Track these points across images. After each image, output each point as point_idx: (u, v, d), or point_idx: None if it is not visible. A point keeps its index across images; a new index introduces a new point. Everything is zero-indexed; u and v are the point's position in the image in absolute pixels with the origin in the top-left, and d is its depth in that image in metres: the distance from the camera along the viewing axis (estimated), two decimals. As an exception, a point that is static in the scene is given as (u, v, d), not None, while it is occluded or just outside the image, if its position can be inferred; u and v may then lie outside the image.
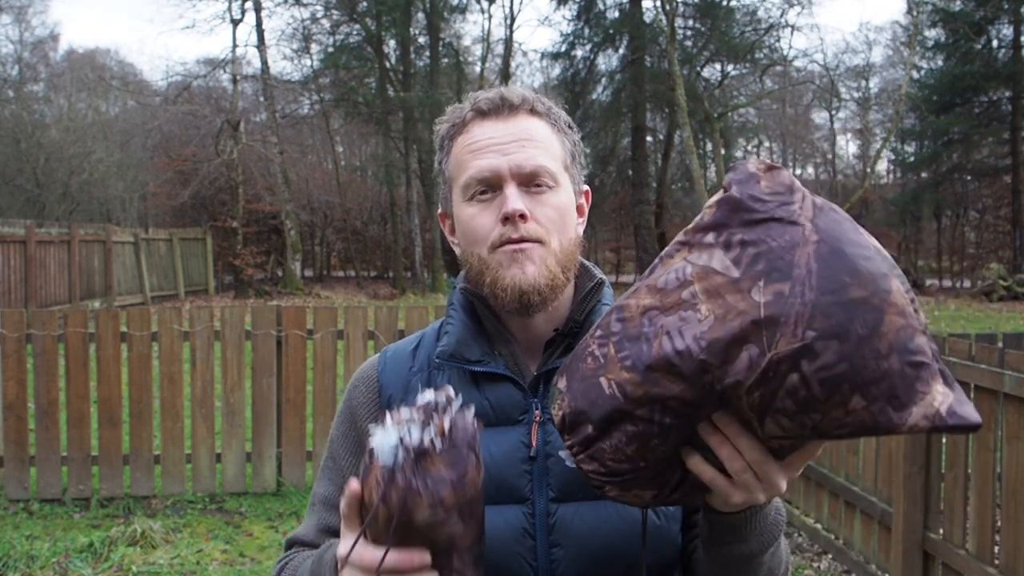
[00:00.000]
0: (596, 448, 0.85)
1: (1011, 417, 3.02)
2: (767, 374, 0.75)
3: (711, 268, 0.80)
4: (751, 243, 0.79)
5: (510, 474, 1.10)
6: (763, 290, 0.76)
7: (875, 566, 3.91)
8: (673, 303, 0.81)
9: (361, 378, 1.24)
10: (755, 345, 0.75)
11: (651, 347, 0.80)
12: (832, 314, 0.73)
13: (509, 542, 1.09)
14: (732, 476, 0.86)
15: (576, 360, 0.88)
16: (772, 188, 0.81)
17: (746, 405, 0.78)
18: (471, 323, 1.16)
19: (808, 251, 0.76)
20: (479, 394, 1.13)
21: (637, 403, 0.81)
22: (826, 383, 0.74)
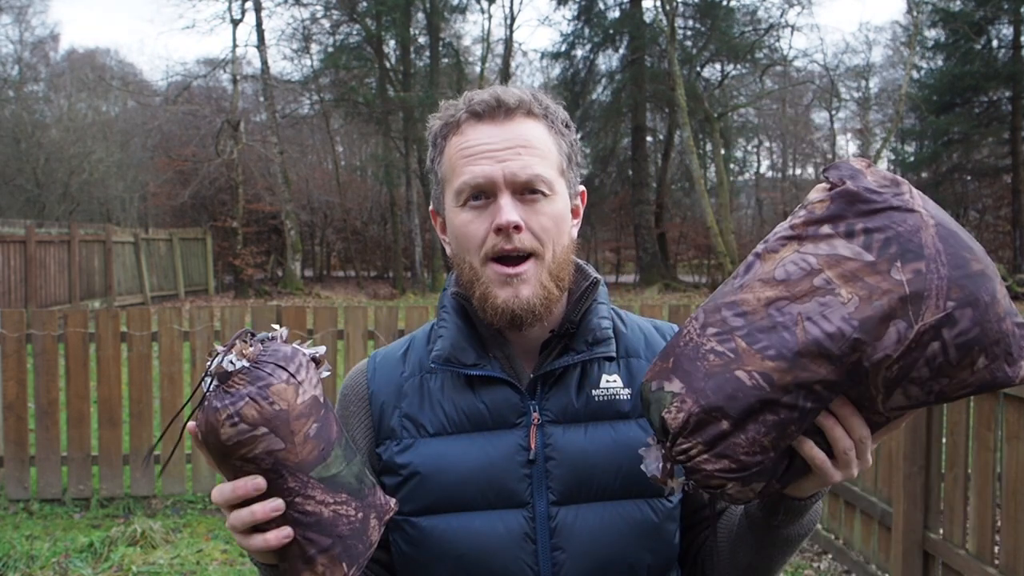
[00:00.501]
0: (728, 444, 0.86)
1: (1011, 417, 3.02)
2: (912, 346, 0.81)
3: (840, 255, 0.85)
4: (877, 230, 0.84)
5: (509, 478, 1.09)
6: (902, 269, 0.82)
7: (875, 566, 3.91)
8: (805, 291, 0.84)
9: (350, 386, 1.22)
10: (903, 320, 0.81)
11: (794, 334, 0.83)
12: (964, 285, 0.82)
13: (510, 546, 1.08)
14: (838, 456, 0.88)
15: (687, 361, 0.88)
16: (880, 181, 0.87)
17: (880, 381, 0.83)
18: (464, 326, 1.15)
19: (931, 233, 0.84)
20: (475, 397, 1.12)
21: (784, 390, 0.83)
22: (961, 347, 0.81)
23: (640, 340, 1.21)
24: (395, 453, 1.14)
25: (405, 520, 1.13)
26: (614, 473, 1.10)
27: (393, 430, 1.15)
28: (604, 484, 1.10)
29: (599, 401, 1.13)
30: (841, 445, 0.87)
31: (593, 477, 1.09)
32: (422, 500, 1.11)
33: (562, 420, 1.11)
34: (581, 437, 1.11)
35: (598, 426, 1.12)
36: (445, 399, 1.13)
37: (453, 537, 1.09)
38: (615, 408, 1.13)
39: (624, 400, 1.14)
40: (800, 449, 0.88)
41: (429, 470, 1.11)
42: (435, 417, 1.13)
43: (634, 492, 1.10)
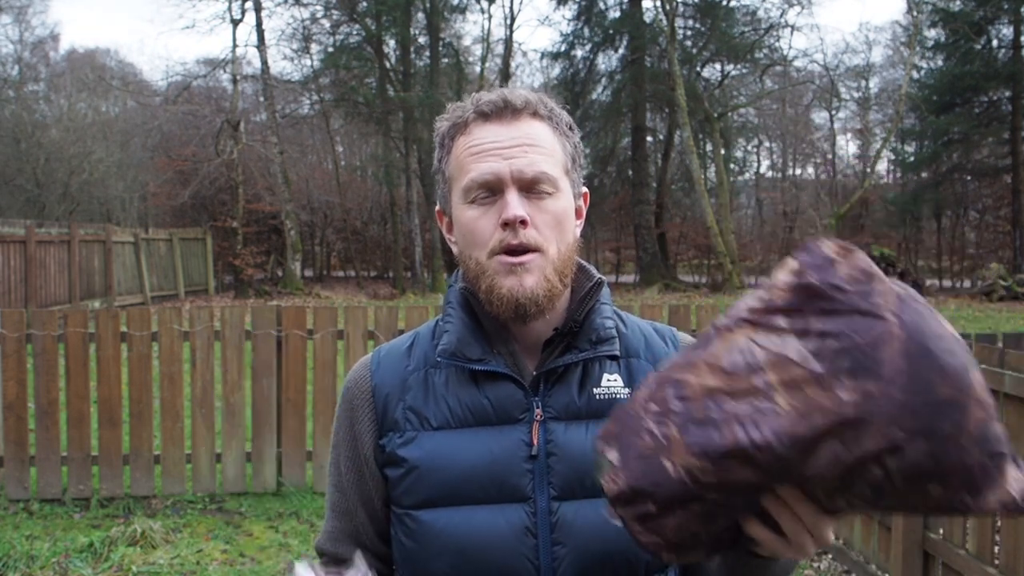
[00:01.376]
0: (657, 523, 0.84)
1: (1011, 417, 3.02)
2: (850, 468, 0.75)
3: (787, 358, 0.77)
4: (832, 335, 0.77)
5: (511, 473, 1.11)
6: (849, 389, 0.74)
7: (875, 566, 3.91)
8: (744, 389, 0.79)
9: (354, 380, 1.23)
10: (840, 442, 0.74)
11: (722, 435, 0.78)
12: (920, 414, 0.73)
13: (511, 541, 1.09)
14: (788, 538, 0.86)
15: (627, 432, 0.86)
16: (851, 275, 0.79)
17: (819, 489, 0.78)
18: (470, 322, 1.16)
19: (895, 348, 0.75)
20: (479, 393, 1.14)
21: (707, 487, 0.80)
22: (909, 477, 0.74)
23: (640, 341, 1.23)
24: (398, 445, 1.15)
25: (406, 513, 1.14)
26: None
27: (396, 422, 1.17)
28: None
29: (600, 400, 1.14)
30: (789, 528, 0.84)
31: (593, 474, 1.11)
32: (424, 493, 1.13)
33: (564, 417, 1.13)
34: (582, 434, 1.12)
35: (599, 424, 1.13)
36: (449, 393, 1.15)
37: (454, 531, 1.10)
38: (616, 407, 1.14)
39: (624, 399, 1.15)
40: (745, 526, 0.85)
41: (431, 463, 1.12)
42: (439, 411, 1.15)
43: None
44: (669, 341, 1.25)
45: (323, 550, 1.26)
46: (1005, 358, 3.09)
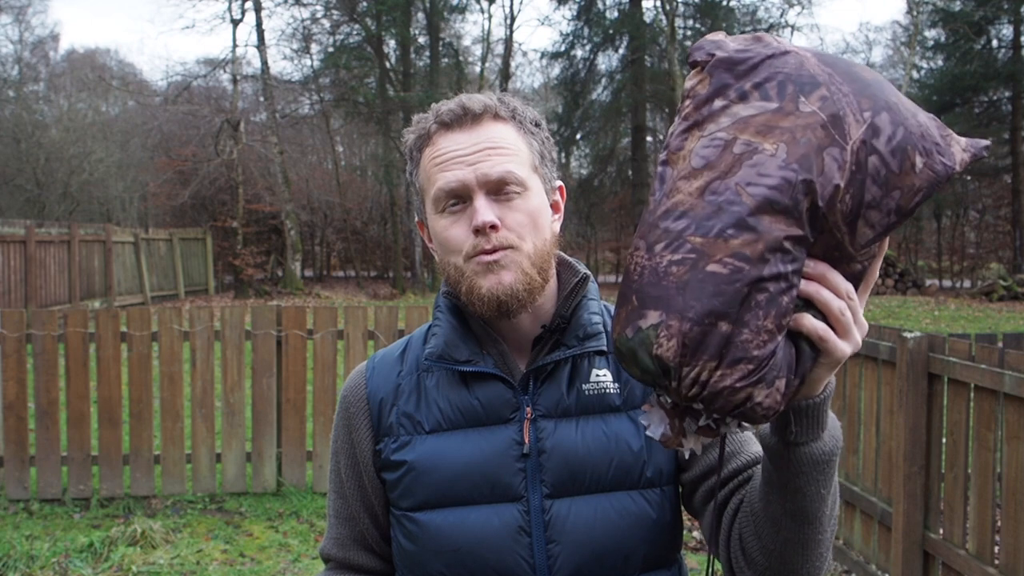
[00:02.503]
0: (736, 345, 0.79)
1: (1011, 417, 3.02)
2: (853, 168, 0.80)
3: (745, 117, 0.82)
4: (766, 80, 0.83)
5: (504, 472, 1.12)
6: (809, 100, 0.81)
7: (875, 566, 3.91)
8: (731, 163, 0.81)
9: (350, 387, 1.25)
10: (833, 146, 0.80)
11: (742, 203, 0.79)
12: (867, 94, 0.82)
13: (505, 540, 1.10)
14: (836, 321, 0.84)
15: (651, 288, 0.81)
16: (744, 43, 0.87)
17: (840, 218, 0.81)
18: (458, 324, 1.18)
19: (814, 63, 0.84)
20: (469, 394, 1.15)
21: (761, 261, 0.78)
22: (896, 152, 0.81)
23: None
24: (393, 451, 1.17)
25: (404, 515, 1.16)
26: (606, 465, 1.12)
27: (391, 427, 1.18)
28: (596, 476, 1.12)
29: (589, 395, 1.15)
30: (834, 306, 0.83)
31: (585, 470, 1.12)
32: (420, 495, 1.14)
33: (554, 415, 1.14)
34: (573, 431, 1.13)
35: (589, 420, 1.14)
36: (440, 396, 1.16)
37: (450, 531, 1.12)
38: (605, 402, 1.15)
39: (614, 394, 1.16)
40: (800, 326, 0.83)
41: (426, 466, 1.14)
42: (431, 414, 1.16)
43: (626, 484, 1.13)
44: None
45: (330, 555, 1.27)
46: (1005, 358, 3.09)
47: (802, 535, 1.00)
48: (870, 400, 3.97)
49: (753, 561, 1.05)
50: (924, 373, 3.51)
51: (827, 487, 0.98)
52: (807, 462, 0.95)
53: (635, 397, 1.17)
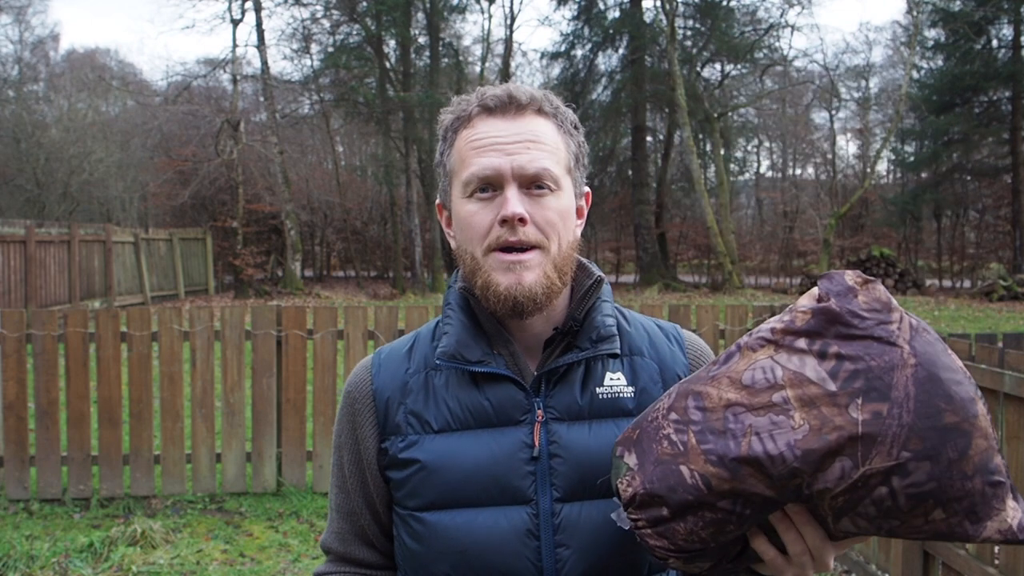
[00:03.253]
0: (668, 528, 0.88)
1: (1011, 417, 3.02)
2: (857, 485, 0.80)
3: (805, 376, 0.83)
4: (848, 358, 0.82)
5: (513, 475, 1.10)
6: (861, 408, 0.80)
7: (875, 566, 3.91)
8: (762, 404, 0.83)
9: (355, 383, 1.23)
10: (849, 458, 0.79)
11: (739, 445, 0.83)
12: (927, 438, 0.78)
13: (513, 543, 1.09)
14: (791, 557, 0.88)
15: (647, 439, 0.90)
16: (870, 304, 0.84)
17: (827, 506, 0.83)
18: (469, 323, 1.15)
19: (907, 374, 0.80)
20: (480, 394, 1.13)
21: (721, 495, 0.84)
22: (912, 498, 0.79)
23: (644, 339, 1.21)
24: (400, 449, 1.15)
25: (409, 515, 1.14)
26: None
27: (398, 426, 1.16)
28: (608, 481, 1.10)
29: (603, 399, 1.13)
30: (793, 548, 0.87)
31: (597, 474, 1.10)
32: (427, 496, 1.12)
33: (566, 418, 1.12)
34: (585, 434, 1.11)
35: (602, 424, 1.13)
36: (450, 396, 1.14)
37: (457, 533, 1.10)
38: (619, 406, 1.14)
39: (628, 398, 1.14)
40: (752, 541, 0.89)
41: (434, 466, 1.12)
42: (440, 414, 1.14)
43: None
44: (673, 339, 1.24)
45: (331, 548, 1.26)
46: (1005, 358, 3.09)
47: None
48: (870, 400, 3.97)
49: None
50: (924, 373, 3.50)
51: None
52: None
53: (649, 403, 1.15)
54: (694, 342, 1.25)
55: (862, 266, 21.02)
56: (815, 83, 28.86)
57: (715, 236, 22.28)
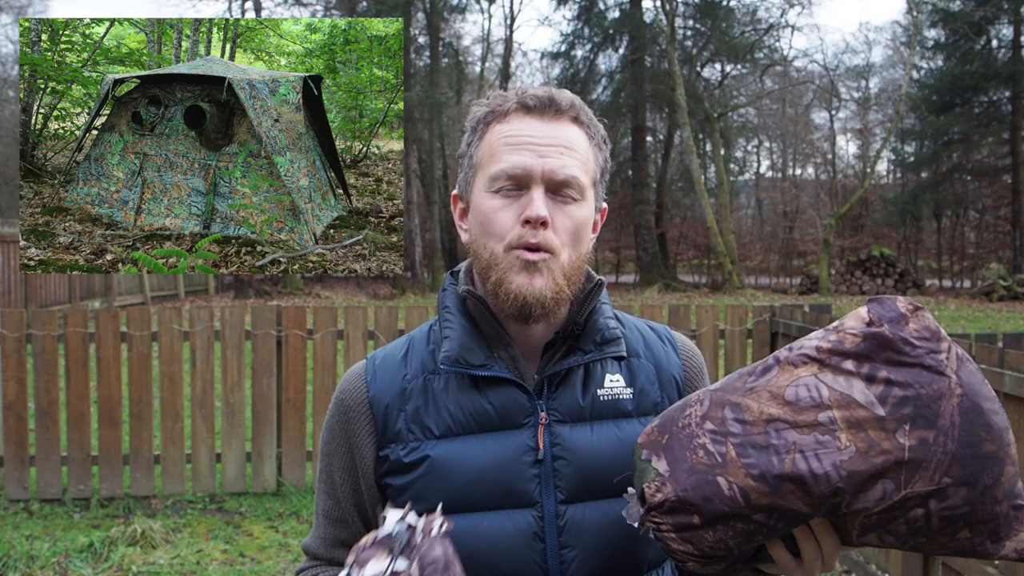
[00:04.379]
0: (695, 535, 0.89)
1: (1011, 417, 3.02)
2: (895, 506, 0.83)
3: (853, 399, 0.84)
4: (898, 384, 0.84)
5: (518, 478, 1.10)
6: (908, 434, 0.82)
7: (875, 566, 3.91)
8: (807, 423, 0.84)
9: (348, 391, 1.20)
10: (892, 481, 0.82)
11: (783, 462, 0.84)
12: (967, 464, 0.82)
13: (519, 546, 1.09)
14: (804, 560, 0.91)
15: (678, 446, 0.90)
16: (921, 333, 0.86)
17: (859, 522, 0.85)
18: (470, 326, 1.15)
19: (953, 403, 0.83)
20: (482, 398, 1.13)
21: (758, 509, 0.85)
22: (945, 520, 0.83)
23: (639, 340, 1.23)
24: (402, 456, 1.14)
25: None
26: (620, 471, 1.11)
27: (399, 433, 1.15)
28: (611, 482, 1.11)
29: (604, 401, 1.14)
30: (808, 555, 0.90)
31: (600, 475, 1.11)
32: (431, 501, 1.11)
33: (569, 420, 1.12)
34: (588, 436, 1.12)
35: (603, 425, 1.13)
36: (451, 400, 1.14)
37: (462, 538, 1.09)
38: (619, 407, 1.14)
39: (627, 399, 1.15)
40: (769, 548, 0.91)
41: (437, 471, 1.11)
42: (441, 419, 1.13)
43: None
44: (666, 340, 1.25)
45: (315, 553, 1.23)
46: (1005, 358, 3.09)
47: None
48: (870, 400, 3.97)
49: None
50: (924, 373, 3.50)
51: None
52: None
53: (647, 404, 1.17)
54: (685, 343, 1.27)
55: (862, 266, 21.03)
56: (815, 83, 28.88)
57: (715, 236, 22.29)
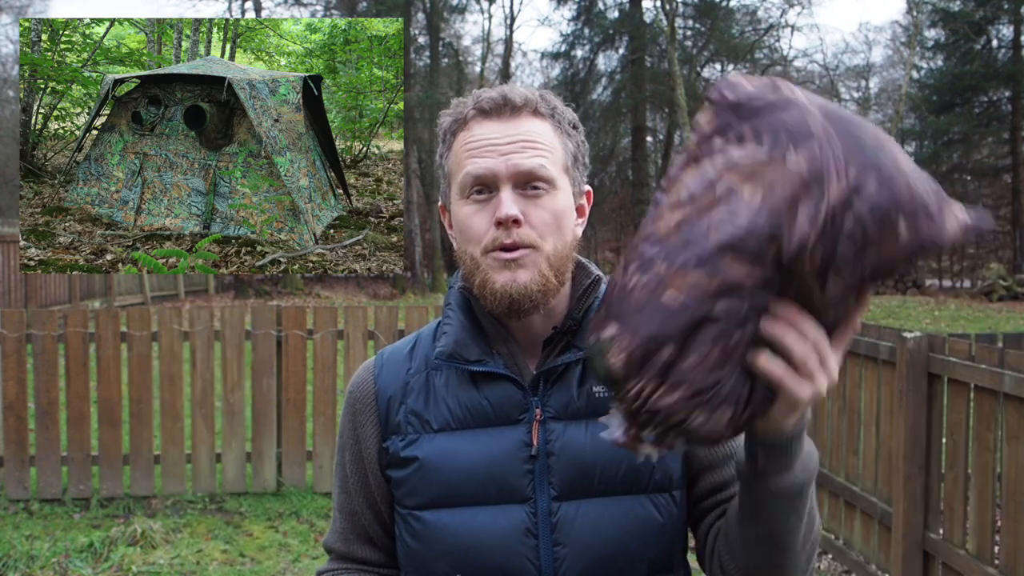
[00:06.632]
0: (678, 369, 0.83)
1: (1011, 417, 3.02)
2: (827, 225, 0.80)
3: (734, 161, 0.85)
4: (763, 127, 0.85)
5: (511, 474, 1.11)
6: (796, 155, 0.83)
7: (875, 566, 3.91)
8: (709, 202, 0.84)
9: (358, 384, 1.24)
10: (810, 201, 0.81)
11: (708, 241, 0.82)
12: (860, 154, 0.82)
13: (512, 542, 1.10)
14: (798, 366, 0.84)
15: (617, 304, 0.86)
16: (758, 86, 0.89)
17: (809, 268, 0.82)
18: (468, 323, 1.16)
19: (816, 118, 0.85)
20: (478, 394, 1.14)
21: (714, 297, 0.81)
22: (876, 215, 0.81)
23: None
24: (400, 448, 1.17)
25: (410, 513, 1.16)
26: (615, 469, 1.11)
27: (399, 425, 1.18)
28: (605, 480, 1.11)
29: (599, 397, 1.14)
30: (796, 351, 0.83)
31: (594, 472, 1.11)
32: (426, 494, 1.14)
33: (564, 416, 1.13)
34: (582, 433, 1.12)
35: (599, 422, 1.13)
36: (449, 395, 1.16)
37: (456, 531, 1.11)
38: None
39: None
40: (755, 365, 0.84)
41: (433, 465, 1.13)
42: (439, 413, 1.15)
43: (635, 487, 1.12)
44: None
45: (333, 548, 1.27)
46: (1005, 358, 3.09)
47: (774, 560, 1.02)
48: (870, 400, 3.97)
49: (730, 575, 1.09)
50: (924, 373, 3.51)
51: (798, 518, 0.99)
52: (776, 493, 0.97)
53: None
54: None
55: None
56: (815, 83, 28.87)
57: (715, 236, 22.27)
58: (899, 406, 3.58)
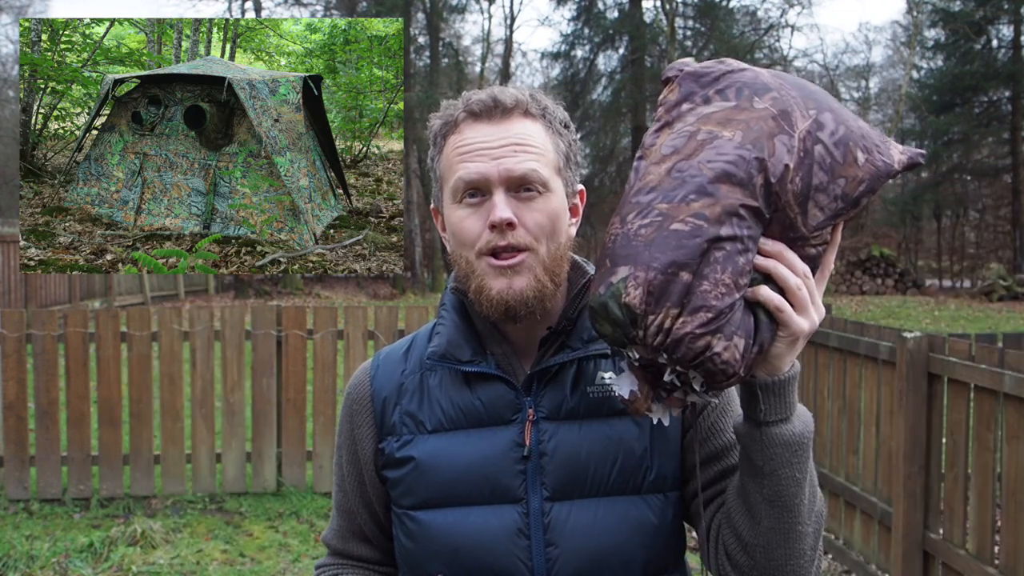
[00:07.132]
0: (696, 294, 0.88)
1: (1011, 417, 3.02)
2: (801, 153, 0.92)
3: (708, 114, 0.95)
4: (726, 86, 0.97)
5: (504, 474, 1.11)
6: (762, 100, 0.94)
7: (875, 566, 3.91)
8: (694, 148, 0.93)
9: (355, 385, 1.25)
10: (783, 134, 0.92)
11: (703, 175, 0.90)
12: (812, 98, 0.96)
13: (504, 542, 1.10)
14: (791, 293, 0.92)
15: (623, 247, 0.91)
16: (709, 62, 1.01)
17: (791, 198, 0.92)
18: (462, 324, 1.17)
19: (767, 75, 0.98)
20: (471, 394, 1.14)
21: (718, 222, 0.89)
22: (839, 144, 0.93)
23: None
24: (395, 449, 1.17)
25: (405, 513, 1.16)
26: (608, 469, 1.11)
27: (394, 426, 1.18)
28: (598, 480, 1.11)
29: (593, 398, 1.14)
30: (791, 281, 0.92)
31: (587, 473, 1.11)
32: (420, 494, 1.14)
33: (556, 417, 1.13)
34: (575, 434, 1.12)
35: (592, 423, 1.13)
36: (443, 396, 1.16)
37: (449, 531, 1.12)
38: (610, 405, 1.14)
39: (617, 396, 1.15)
40: (758, 296, 0.92)
41: (427, 465, 1.14)
42: (433, 414, 1.16)
43: (628, 488, 1.12)
44: None
45: (330, 544, 1.30)
46: (1005, 358, 3.09)
47: (781, 524, 1.01)
48: (870, 400, 3.97)
49: (737, 564, 1.06)
50: (924, 373, 3.51)
51: (802, 472, 1.00)
52: (779, 443, 0.98)
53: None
54: None
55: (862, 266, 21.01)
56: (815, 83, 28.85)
57: (715, 236, 22.27)
58: (899, 406, 3.58)
